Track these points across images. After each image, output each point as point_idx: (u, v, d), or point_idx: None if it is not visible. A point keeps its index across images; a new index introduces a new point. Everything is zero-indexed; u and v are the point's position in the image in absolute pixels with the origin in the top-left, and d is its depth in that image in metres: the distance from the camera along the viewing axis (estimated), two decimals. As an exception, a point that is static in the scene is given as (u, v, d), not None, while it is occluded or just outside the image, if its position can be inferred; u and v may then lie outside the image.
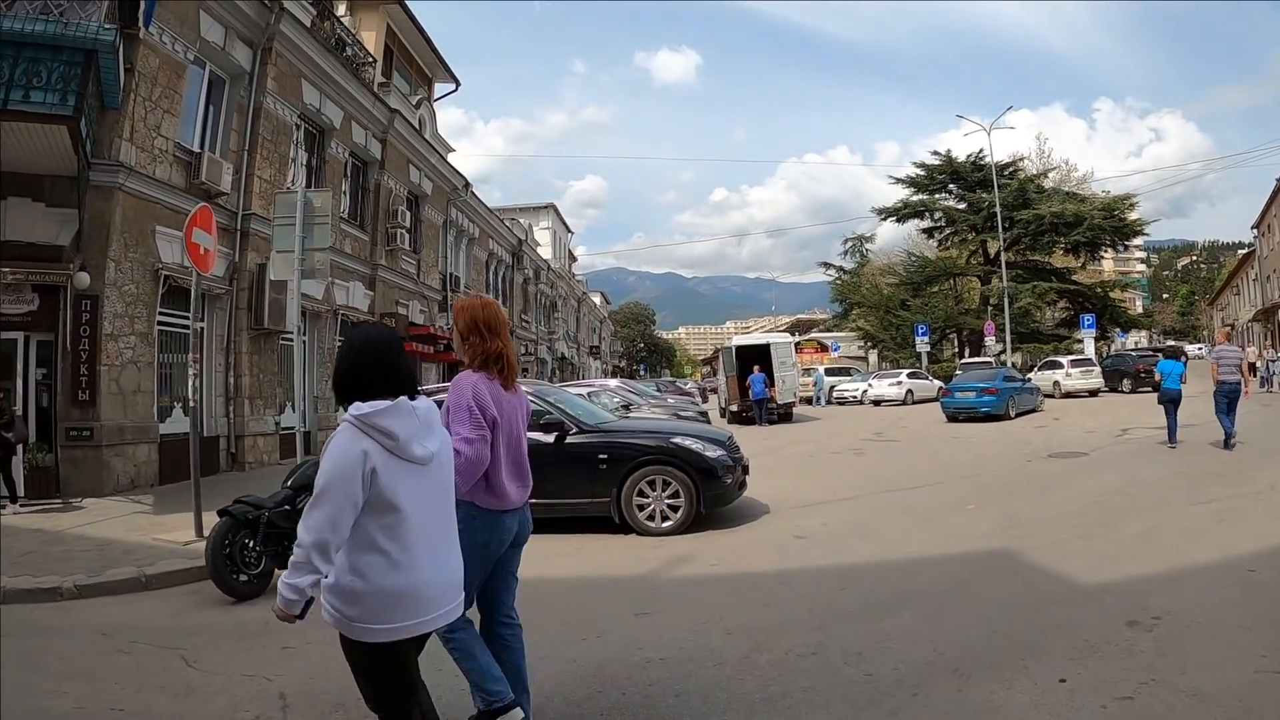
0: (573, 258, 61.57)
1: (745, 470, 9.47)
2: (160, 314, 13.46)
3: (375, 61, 21.54)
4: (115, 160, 12.36)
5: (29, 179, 11.71)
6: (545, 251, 46.27)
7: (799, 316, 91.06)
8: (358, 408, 2.66)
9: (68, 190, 11.83)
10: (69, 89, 10.18)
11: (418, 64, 25.53)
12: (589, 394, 15.81)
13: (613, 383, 24.47)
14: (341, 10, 21.47)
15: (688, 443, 8.87)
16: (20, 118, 10.23)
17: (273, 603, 2.83)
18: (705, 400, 38.84)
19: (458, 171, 27.37)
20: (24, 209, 11.79)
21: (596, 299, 75.33)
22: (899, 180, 47.00)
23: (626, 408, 16.55)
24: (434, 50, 25.55)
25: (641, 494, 8.60)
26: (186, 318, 13.95)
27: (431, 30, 24.27)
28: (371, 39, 22.03)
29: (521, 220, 42.01)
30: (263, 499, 7.18)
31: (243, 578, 6.83)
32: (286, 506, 7.11)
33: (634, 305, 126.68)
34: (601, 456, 8.64)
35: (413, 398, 2.80)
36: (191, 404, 9.44)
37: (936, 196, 46.61)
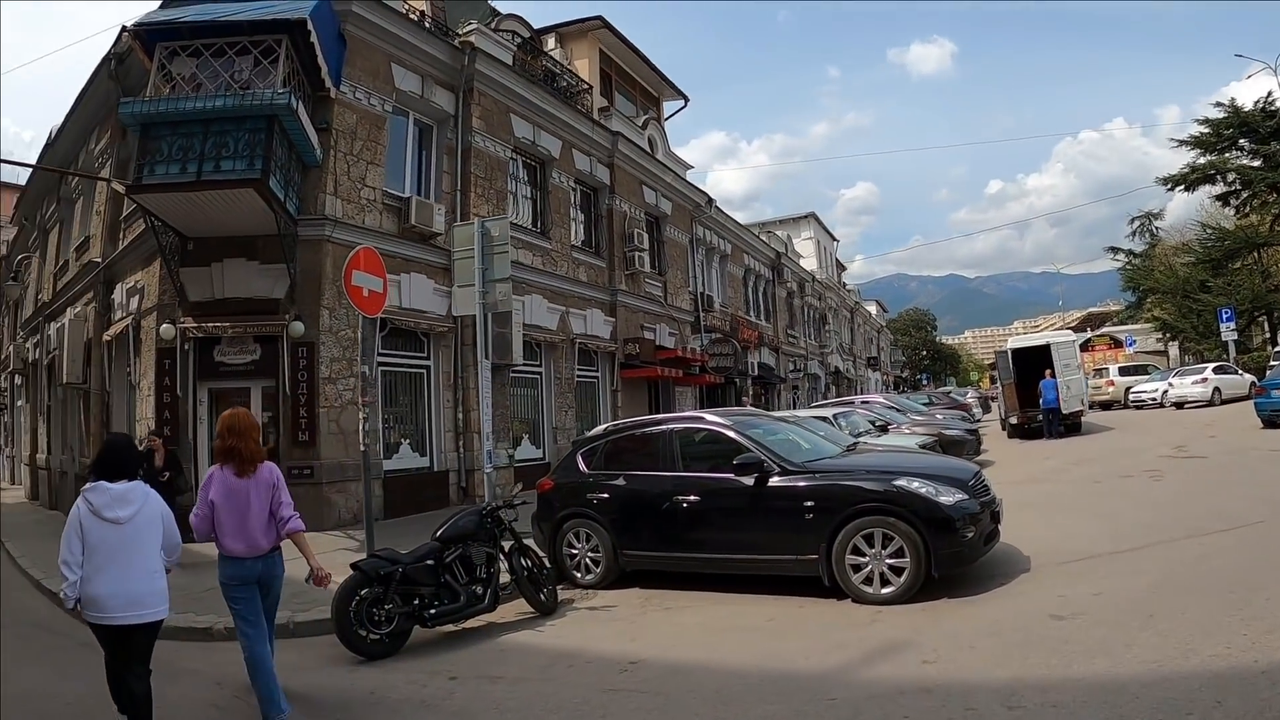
0: (841, 267, 58.25)
1: (996, 518, 7.12)
2: (382, 355, 13.43)
3: (591, 88, 20.91)
4: (321, 214, 12.73)
5: (241, 240, 12.39)
6: (809, 263, 43.77)
7: (1090, 310, 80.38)
8: None
9: (277, 247, 12.19)
10: (255, 154, 10.91)
11: (640, 85, 24.70)
12: (834, 416, 13.89)
13: (878, 398, 22.18)
14: (551, 44, 20.92)
15: (915, 485, 6.69)
16: (212, 186, 10.91)
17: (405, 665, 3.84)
18: (987, 410, 34.18)
19: (698, 188, 26.20)
20: (239, 268, 12.49)
21: (872, 308, 70.99)
22: (1182, 143, 38.75)
23: (884, 429, 14.43)
24: (654, 69, 24.66)
25: (857, 551, 6.64)
26: (409, 356, 14.56)
27: (677, 54, 23.31)
28: (585, 66, 21.56)
29: (780, 233, 40.00)
30: (400, 554, 6.66)
31: (372, 636, 6.23)
32: (429, 561, 6.61)
33: (913, 312, 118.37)
34: (808, 504, 6.87)
35: None
36: (363, 447, 8.92)
37: (1227, 156, 37.67)
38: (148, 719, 4.56)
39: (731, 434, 7.68)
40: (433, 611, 6.47)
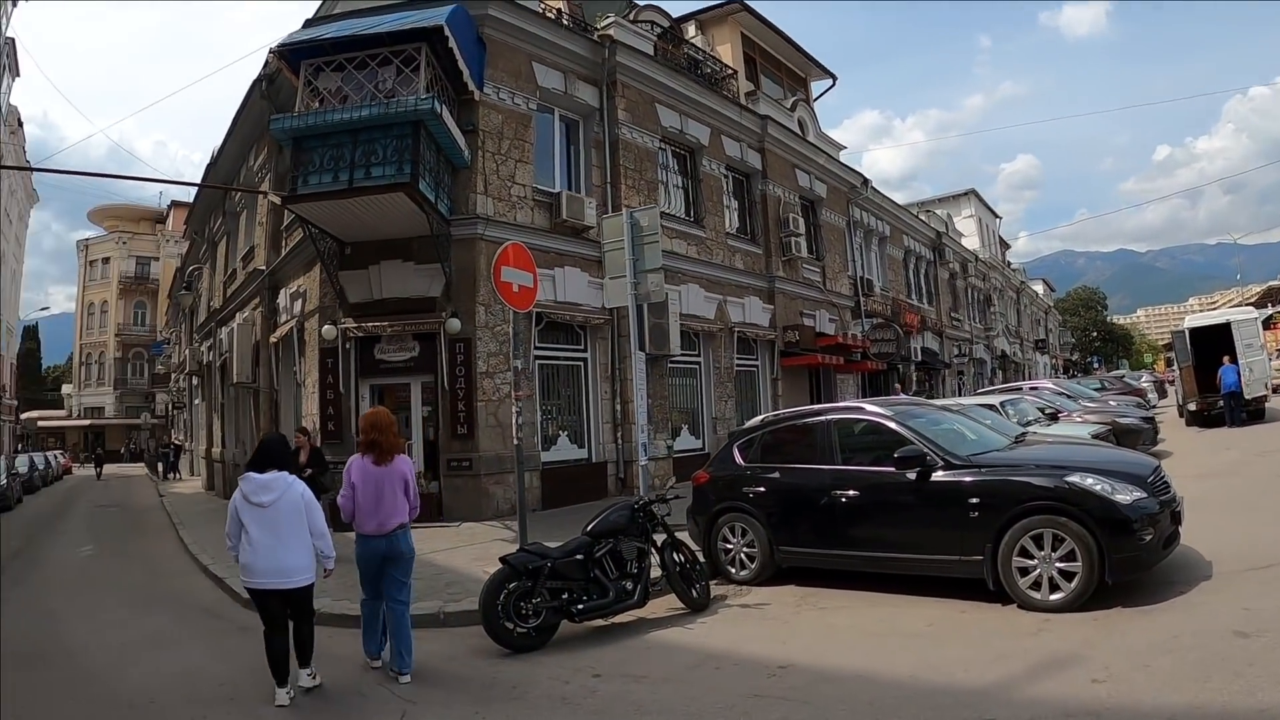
0: (1005, 245, 54.38)
1: (1177, 519, 6.25)
2: (539, 349, 13.55)
3: (736, 73, 20.11)
4: (473, 213, 12.77)
5: (397, 243, 12.60)
6: (971, 242, 41.02)
7: (1270, 284, 71.12)
8: None
9: (431, 247, 12.27)
10: (403, 159, 11.04)
11: (786, 66, 23.62)
12: (1001, 404, 12.78)
13: (1046, 384, 20.37)
14: (691, 31, 20.24)
15: (1089, 482, 5.98)
16: (364, 192, 11.11)
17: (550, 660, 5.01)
18: (1163, 396, 30.71)
19: (852, 169, 24.91)
20: (396, 269, 12.73)
21: (1038, 288, 66.07)
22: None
23: (1054, 417, 13.25)
24: (799, 49, 23.54)
25: (1025, 553, 5.97)
26: (566, 349, 14.41)
27: (822, 33, 22.32)
28: (727, 52, 20.78)
29: (939, 211, 37.73)
30: (550, 548, 6.50)
31: (519, 629, 6.09)
32: (579, 556, 6.43)
33: (1082, 290, 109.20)
34: (973, 500, 6.26)
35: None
36: (516, 440, 8.64)
37: None
38: (308, 655, 5.46)
39: (892, 425, 7.09)
40: (580, 606, 6.29)
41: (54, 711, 5.59)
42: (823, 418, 7.79)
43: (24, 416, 51.34)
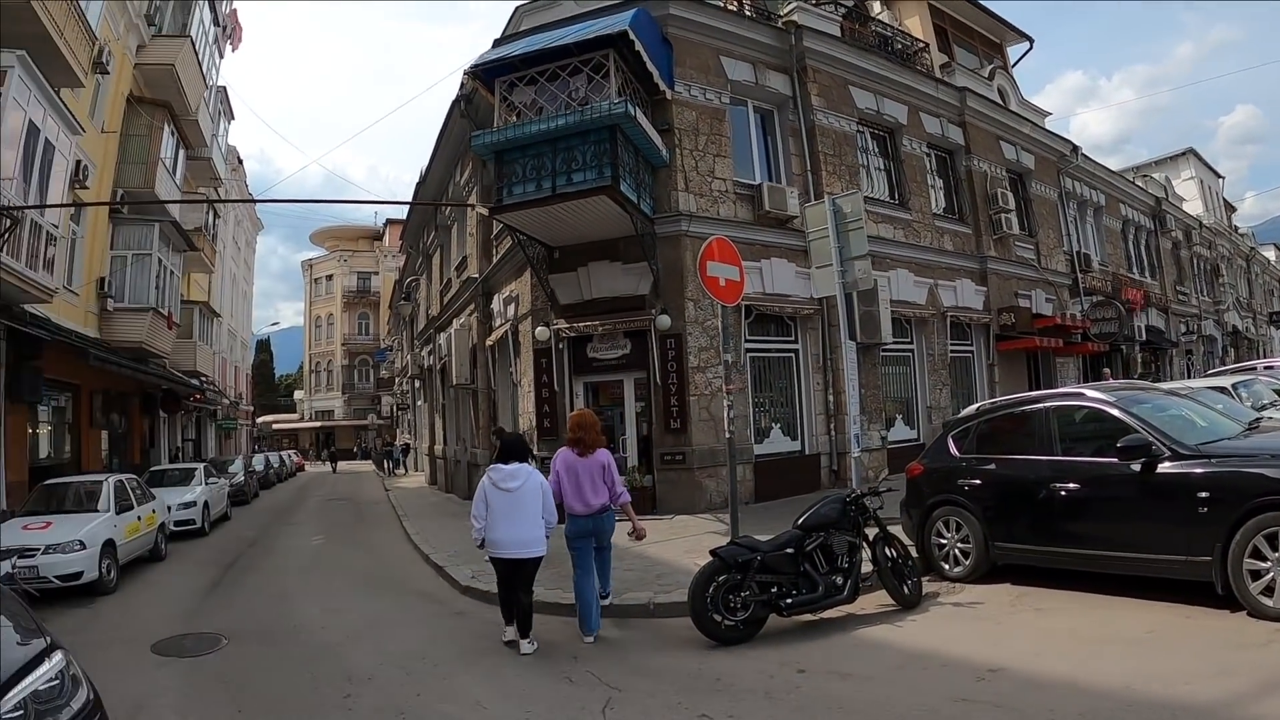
0: (1230, 208, 48.07)
1: None
2: (749, 341, 13.11)
3: (927, 45, 18.75)
4: (675, 210, 12.61)
5: (603, 244, 12.63)
6: (1193, 206, 36.49)
7: None
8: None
9: (637, 246, 12.21)
10: (602, 163, 10.95)
11: (978, 34, 21.84)
12: (1233, 386, 11.14)
13: None
14: (876, 8, 19.03)
15: None
16: (567, 198, 11.14)
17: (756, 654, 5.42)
18: None
19: (1060, 137, 22.71)
20: (604, 269, 12.78)
21: (1270, 254, 57.92)
22: None
23: None
24: (990, 14, 21.72)
25: (1258, 554, 5.26)
26: (777, 340, 13.91)
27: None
28: (916, 25, 19.39)
29: (1156, 175, 33.75)
30: (760, 541, 6.35)
31: (726, 622, 5.99)
32: (789, 549, 6.28)
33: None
34: (1202, 495, 5.57)
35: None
36: (728, 433, 8.43)
37: None
38: (528, 625, 6.26)
39: (1115, 412, 6.46)
40: (789, 601, 6.12)
41: (280, 682, 5.92)
42: (1040, 405, 7.21)
43: (259, 420, 56.08)
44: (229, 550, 13.47)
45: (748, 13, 14.96)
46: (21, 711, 2.64)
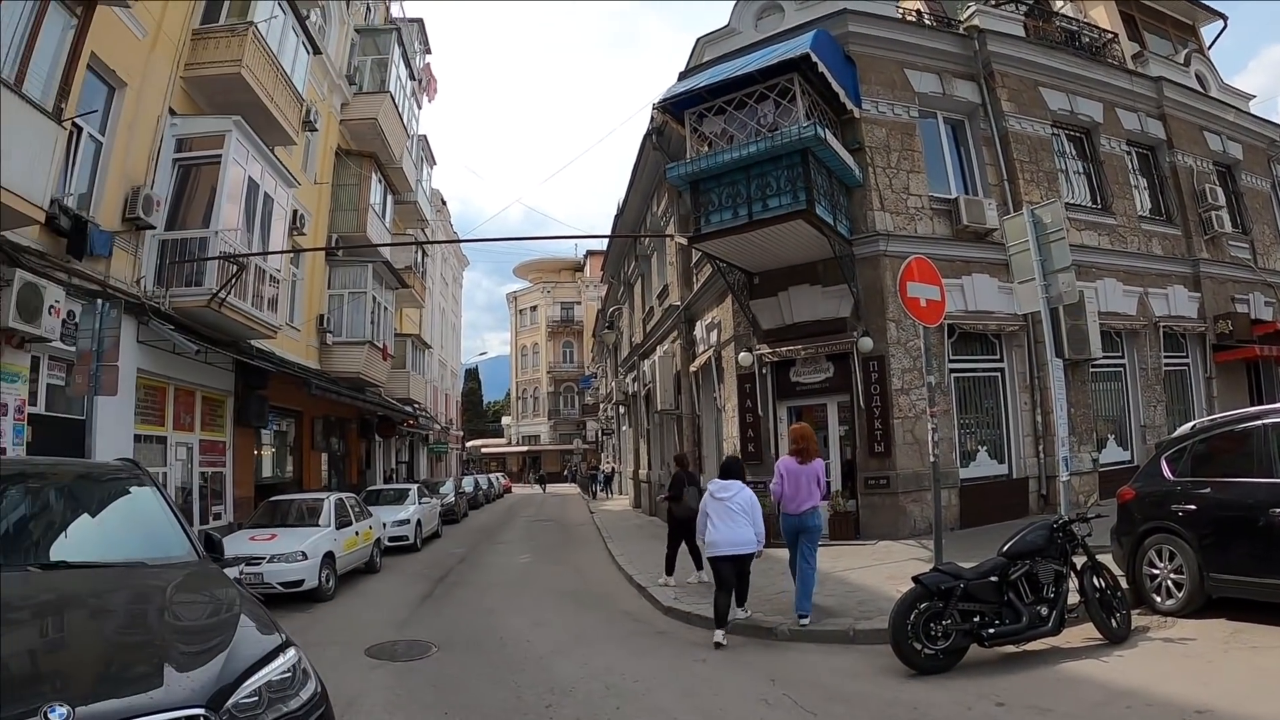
0: None
1: None
2: (953, 361, 12.35)
3: (1115, 36, 17.08)
4: (872, 230, 12.08)
5: (802, 268, 12.37)
6: None
7: None
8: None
9: (835, 269, 11.80)
10: (796, 187, 10.64)
11: (1169, 17, 19.71)
12: None
13: None
14: (1059, 3, 17.51)
15: None
16: (764, 224, 10.92)
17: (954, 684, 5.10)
18: None
19: (1269, 121, 20.12)
20: (804, 293, 12.46)
21: None
22: None
23: None
24: (1179, -7, 19.28)
25: None
26: (981, 360, 12.98)
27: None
28: (1102, 15, 17.68)
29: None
30: (964, 568, 6.04)
31: (926, 651, 5.69)
32: (993, 577, 5.92)
33: None
34: None
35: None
36: (933, 457, 8.14)
37: None
38: (744, 598, 7.56)
39: None
40: (991, 631, 5.76)
41: (485, 689, 6.02)
42: (1260, 422, 6.43)
43: (468, 444, 58.48)
44: (439, 565, 13.82)
45: (928, 22, 14.18)
46: (257, 698, 2.81)
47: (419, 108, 25.20)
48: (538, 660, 6.80)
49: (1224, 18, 21.08)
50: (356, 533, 12.22)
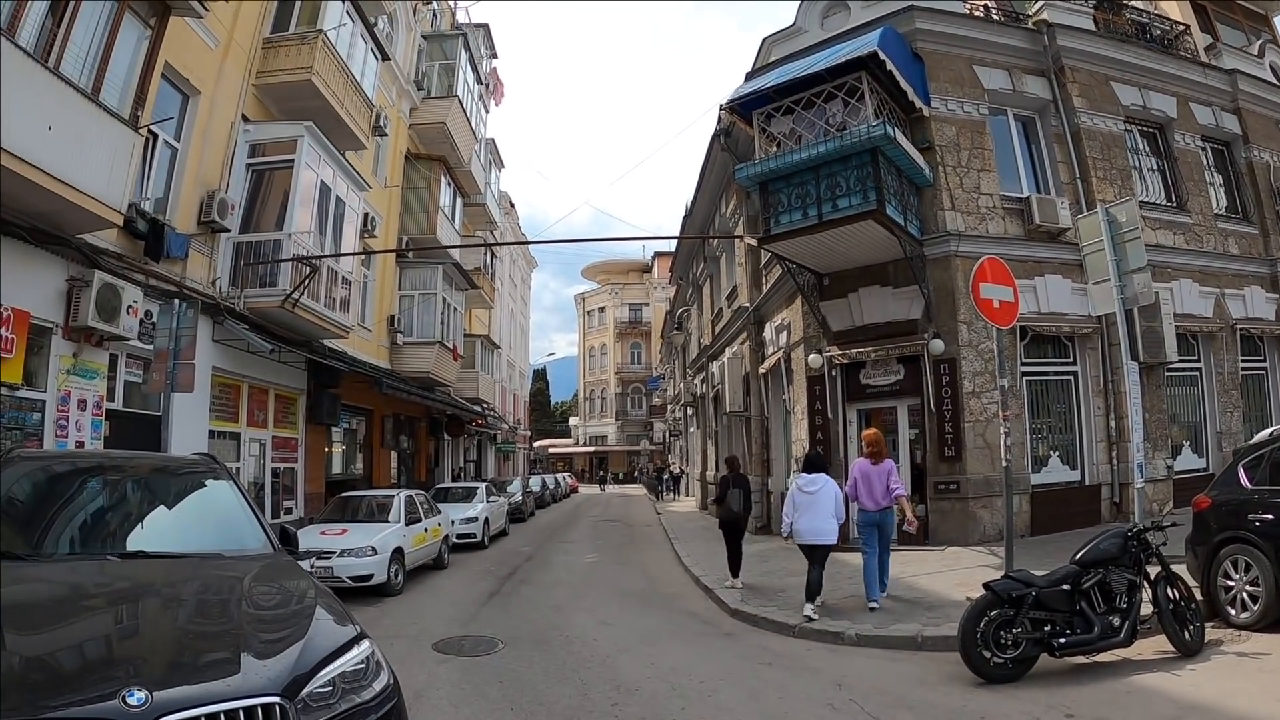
0: None
1: None
2: (1025, 364, 11.66)
3: (1187, 27, 15.94)
4: (943, 231, 11.42)
5: (872, 269, 11.84)
6: None
7: None
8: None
9: (906, 270, 11.22)
10: (866, 187, 10.18)
11: (1241, 7, 18.37)
12: None
13: None
14: (1132, -6, 16.34)
15: None
16: (834, 224, 10.46)
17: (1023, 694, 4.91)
18: None
19: (1346, 110, 18.41)
20: (874, 295, 11.93)
21: None
22: None
23: None
24: (1247, -23, 17.93)
25: None
26: (1054, 363, 12.25)
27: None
28: (1173, 6, 16.55)
29: None
30: (1035, 576, 5.71)
31: (995, 659, 5.41)
32: (1065, 586, 5.61)
33: None
34: None
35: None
36: (1005, 462, 7.80)
37: None
38: (817, 593, 7.49)
39: None
40: (1062, 640, 5.47)
41: (551, 686, 5.87)
42: None
43: (536, 444, 57.86)
44: (506, 563, 13.54)
45: (995, 17, 13.28)
46: (331, 687, 2.75)
47: (486, 111, 24.93)
48: (603, 659, 6.62)
49: (1294, 0, 19.58)
50: (425, 529, 11.98)
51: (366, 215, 15.02)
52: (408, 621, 8.34)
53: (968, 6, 12.98)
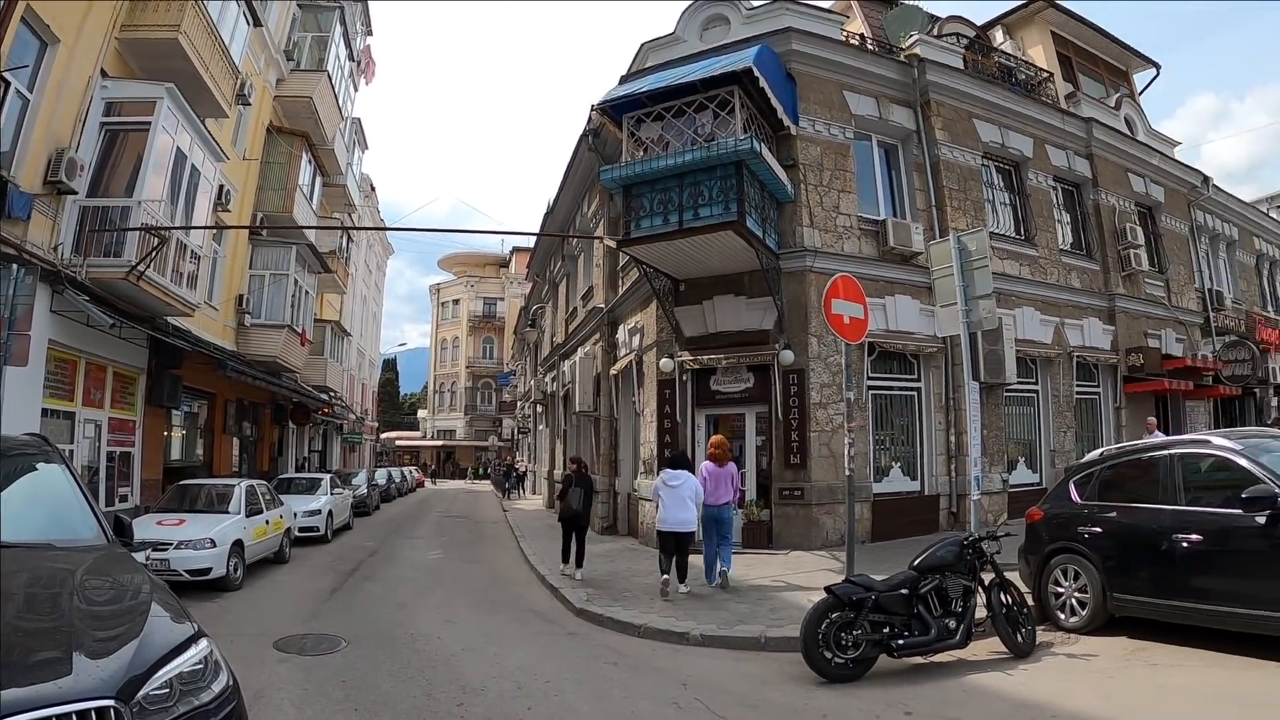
0: (1381, 239, 45.01)
1: None
2: (871, 379, 13.19)
3: (1051, 75, 18.46)
4: (800, 246, 12.77)
5: (728, 278, 12.93)
6: (1337, 238, 34.31)
7: None
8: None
9: (761, 281, 12.39)
10: (728, 198, 11.18)
11: (1103, 61, 21.24)
12: None
13: None
14: (999, 38, 18.88)
15: None
16: (694, 232, 11.43)
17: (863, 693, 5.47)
18: None
19: (1190, 167, 21.86)
20: (728, 303, 13.04)
21: None
22: None
23: None
24: (1115, 40, 21.08)
25: None
26: (899, 378, 13.85)
27: (1138, 17, 19.84)
28: (1039, 54, 19.11)
29: (1293, 206, 31.87)
30: (875, 580, 6.44)
31: (836, 660, 6.06)
32: (903, 591, 6.32)
33: None
34: None
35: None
36: (848, 471, 8.78)
37: None
38: (684, 575, 9.41)
39: (1242, 461, 6.24)
40: (901, 642, 6.16)
41: (395, 686, 6.14)
42: (1165, 452, 7.04)
43: (383, 436, 58.40)
44: (350, 558, 14.10)
45: (870, 47, 15.11)
46: (169, 689, 2.80)
47: (355, 89, 25.41)
48: (448, 658, 7.00)
49: (1157, 66, 22.81)
50: (267, 521, 12.41)
51: (222, 188, 15.28)
52: (248, 618, 8.68)
53: (845, 34, 14.71)
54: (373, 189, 37.48)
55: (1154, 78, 23.04)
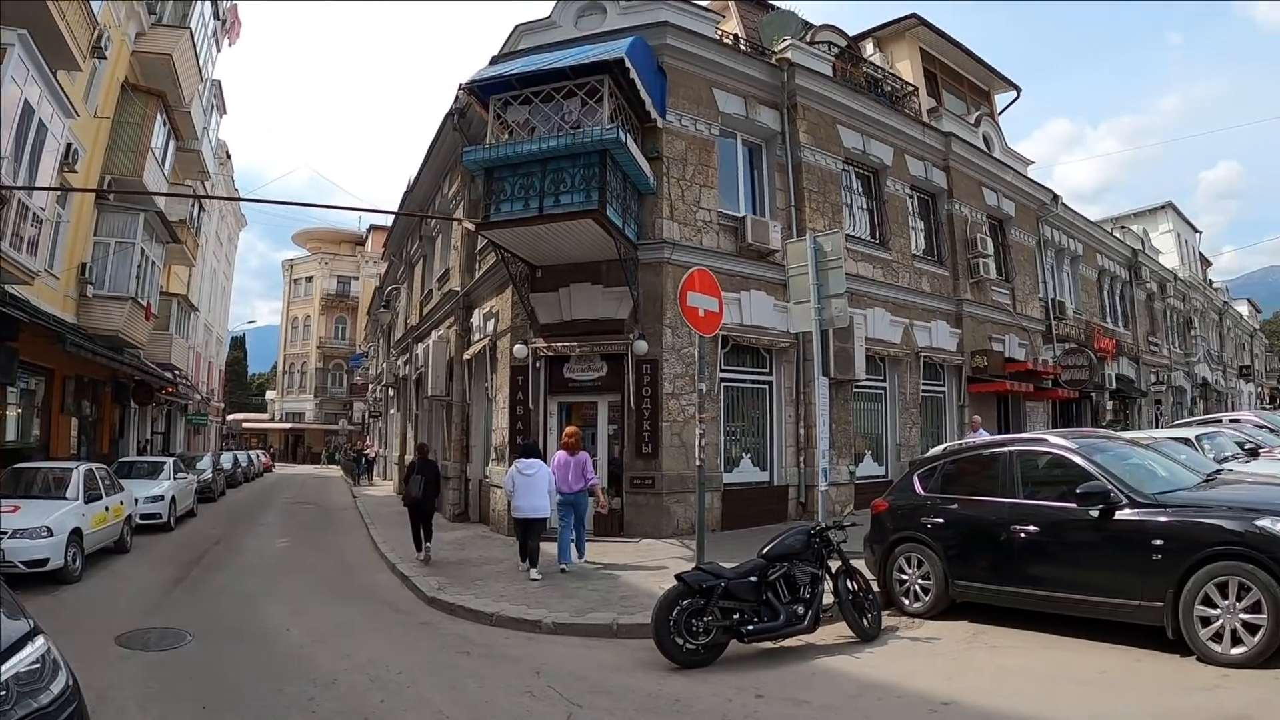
0: (1206, 262, 48.92)
1: None
2: (724, 371, 13.36)
3: (916, 89, 19.18)
4: (659, 238, 12.81)
5: (586, 266, 12.86)
6: (1169, 259, 37.14)
7: None
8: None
9: (619, 271, 12.38)
10: (590, 187, 11.12)
11: (968, 80, 22.27)
12: (1196, 437, 11.56)
13: (1249, 416, 17.78)
14: (869, 50, 19.51)
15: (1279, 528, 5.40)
16: (553, 219, 11.37)
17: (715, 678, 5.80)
18: None
19: (1042, 185, 23.22)
20: (585, 291, 12.99)
21: (1243, 309, 58.87)
22: None
23: (1254, 453, 11.69)
24: (980, 62, 22.17)
25: (1209, 601, 5.50)
26: (751, 372, 14.12)
27: (1004, 42, 21.08)
28: (907, 68, 19.86)
29: (1134, 227, 34.51)
30: (725, 568, 6.52)
31: (688, 646, 6.14)
32: (753, 578, 6.43)
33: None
34: (1156, 542, 5.81)
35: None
36: (699, 461, 8.85)
37: None
38: (535, 560, 9.59)
39: (1077, 459, 6.68)
40: (750, 628, 6.29)
41: (244, 681, 6.05)
42: (1005, 449, 7.46)
43: (230, 418, 55.97)
44: (195, 547, 13.52)
45: (743, 47, 15.30)
46: (5, 691, 2.67)
47: (218, 50, 23.99)
48: (299, 651, 6.87)
49: (1018, 89, 24.04)
50: (107, 508, 11.76)
51: (70, 146, 14.31)
52: (87, 613, 8.32)
53: (720, 33, 14.82)
54: (229, 156, 35.72)
55: (1014, 99, 24.23)
